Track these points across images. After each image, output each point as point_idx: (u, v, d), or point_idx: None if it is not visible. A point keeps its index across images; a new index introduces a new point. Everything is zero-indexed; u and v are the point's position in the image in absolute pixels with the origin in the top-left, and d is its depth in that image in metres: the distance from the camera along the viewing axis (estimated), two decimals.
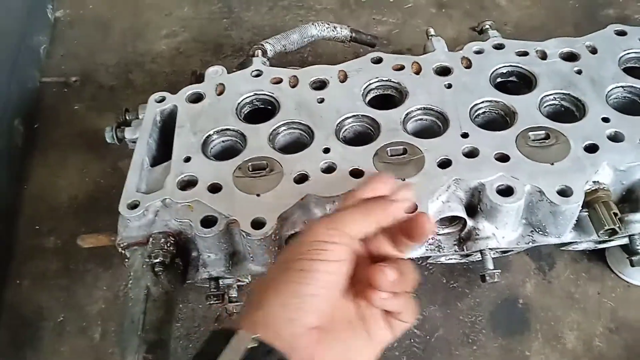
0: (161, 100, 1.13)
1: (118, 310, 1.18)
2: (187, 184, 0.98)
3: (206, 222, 0.92)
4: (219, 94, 1.12)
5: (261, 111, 1.12)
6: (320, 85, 1.13)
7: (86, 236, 1.03)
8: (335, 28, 1.38)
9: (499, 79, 1.13)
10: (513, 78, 1.13)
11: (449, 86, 1.09)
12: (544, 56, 1.14)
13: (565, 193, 0.91)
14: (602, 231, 0.91)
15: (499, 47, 1.17)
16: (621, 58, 1.13)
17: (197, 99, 1.12)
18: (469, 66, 1.13)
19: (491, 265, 0.97)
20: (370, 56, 1.16)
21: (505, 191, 0.92)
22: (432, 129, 1.06)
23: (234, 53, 1.67)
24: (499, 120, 1.06)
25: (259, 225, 0.90)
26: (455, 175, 0.94)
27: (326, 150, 1.00)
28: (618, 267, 1.17)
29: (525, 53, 1.14)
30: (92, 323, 1.18)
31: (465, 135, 1.00)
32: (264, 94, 1.12)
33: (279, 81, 1.14)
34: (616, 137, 0.98)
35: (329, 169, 0.98)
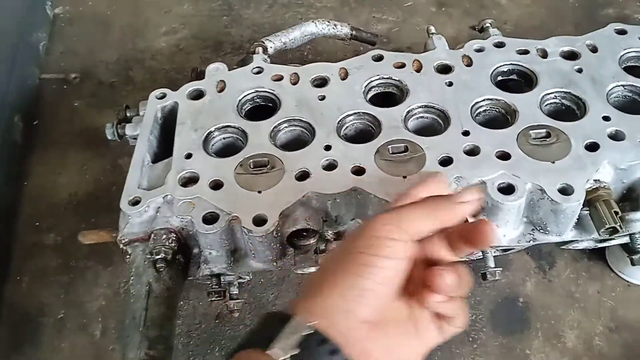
0: (162, 96, 1.13)
1: (118, 308, 1.18)
2: (188, 180, 0.98)
3: (208, 219, 0.92)
4: (220, 91, 1.12)
5: (262, 108, 1.11)
6: (321, 82, 1.12)
7: (87, 232, 1.03)
8: (335, 26, 1.38)
9: (500, 77, 1.13)
10: (514, 76, 1.14)
11: (450, 84, 1.09)
12: (544, 54, 1.14)
13: (566, 191, 0.91)
14: (603, 229, 0.91)
15: (500, 45, 1.17)
16: (621, 57, 1.13)
17: (198, 95, 1.12)
18: (469, 64, 1.13)
19: (492, 263, 0.97)
20: (371, 54, 1.16)
21: (507, 189, 0.92)
22: (433, 127, 1.06)
23: (233, 50, 1.67)
24: (500, 119, 1.06)
25: (260, 222, 0.90)
26: (457, 173, 0.94)
27: (327, 148, 1.00)
28: (618, 267, 1.18)
29: (525, 51, 1.14)
30: (92, 320, 1.18)
31: (466, 133, 1.00)
32: (265, 91, 1.12)
33: (279, 78, 1.13)
34: (617, 136, 0.98)
35: (330, 166, 0.97)
